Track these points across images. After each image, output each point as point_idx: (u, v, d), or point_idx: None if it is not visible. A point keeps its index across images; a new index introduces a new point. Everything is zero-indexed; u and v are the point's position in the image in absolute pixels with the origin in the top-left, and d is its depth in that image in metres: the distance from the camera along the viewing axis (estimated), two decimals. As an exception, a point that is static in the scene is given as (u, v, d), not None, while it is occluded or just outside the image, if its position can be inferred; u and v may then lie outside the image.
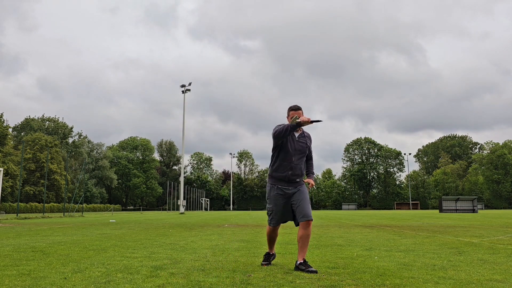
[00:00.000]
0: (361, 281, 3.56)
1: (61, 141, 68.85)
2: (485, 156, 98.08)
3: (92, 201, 70.58)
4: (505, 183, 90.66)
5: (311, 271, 3.91)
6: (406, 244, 6.77)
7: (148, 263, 4.61)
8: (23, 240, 7.65)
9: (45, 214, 31.36)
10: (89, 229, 11.55)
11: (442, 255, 5.31)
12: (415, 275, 3.81)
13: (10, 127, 54.91)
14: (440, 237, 8.11)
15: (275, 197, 4.28)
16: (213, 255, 5.35)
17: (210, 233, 9.47)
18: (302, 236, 4.11)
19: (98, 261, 4.73)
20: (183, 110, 50.52)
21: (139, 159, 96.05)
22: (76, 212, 35.14)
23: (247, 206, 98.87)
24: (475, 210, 42.91)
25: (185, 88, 50.34)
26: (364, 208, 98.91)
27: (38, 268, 4.27)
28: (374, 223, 15.07)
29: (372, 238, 8.06)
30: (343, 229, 10.99)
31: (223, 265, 4.45)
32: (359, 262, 4.66)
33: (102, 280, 3.57)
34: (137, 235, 8.90)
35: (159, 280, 3.60)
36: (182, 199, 49.58)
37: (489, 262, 4.66)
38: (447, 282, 3.49)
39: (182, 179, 52.49)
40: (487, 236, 8.46)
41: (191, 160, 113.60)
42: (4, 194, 43.79)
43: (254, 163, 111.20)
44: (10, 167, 46.57)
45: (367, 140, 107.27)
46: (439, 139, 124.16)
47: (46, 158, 44.94)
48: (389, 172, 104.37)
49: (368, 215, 27.73)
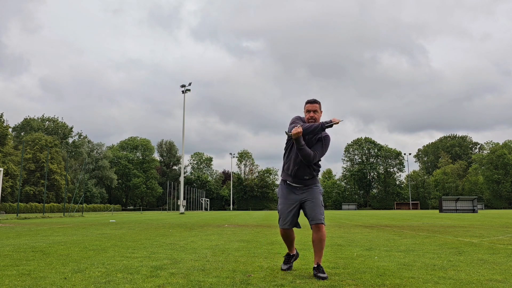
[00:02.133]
0: (361, 281, 3.56)
1: (61, 141, 68.85)
2: (485, 156, 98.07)
3: (92, 201, 70.56)
4: (505, 183, 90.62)
5: (321, 277, 3.70)
6: (406, 244, 6.77)
7: (148, 263, 4.61)
8: (23, 240, 7.65)
9: (45, 214, 31.36)
10: (89, 229, 11.55)
11: (442, 255, 5.31)
12: (415, 275, 3.81)
13: (10, 127, 54.92)
14: (440, 237, 8.11)
15: (282, 193, 4.16)
16: (213, 255, 5.35)
17: (210, 233, 9.47)
18: (314, 240, 3.91)
19: (98, 261, 4.73)
20: (183, 110, 50.59)
21: (139, 159, 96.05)
22: (76, 212, 35.14)
23: (247, 206, 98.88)
24: (475, 210, 42.90)
25: (185, 88, 50.37)
26: (364, 208, 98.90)
27: (38, 268, 4.27)
28: (374, 223, 15.06)
29: (372, 238, 8.06)
30: (343, 229, 10.98)
31: (223, 265, 4.45)
32: (359, 262, 4.66)
33: (102, 280, 3.57)
34: (137, 235, 8.90)
35: (159, 280, 3.60)
36: (182, 199, 49.57)
37: (489, 262, 4.66)
38: (447, 282, 3.49)
39: (182, 179, 52.49)
40: (487, 236, 8.46)
41: (191, 160, 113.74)
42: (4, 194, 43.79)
43: (254, 163, 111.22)
44: (10, 167, 46.57)
45: (367, 140, 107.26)
46: (439, 139, 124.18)
47: (46, 158, 44.93)
48: (389, 172, 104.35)
49: (368, 215, 27.73)
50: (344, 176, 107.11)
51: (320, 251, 3.88)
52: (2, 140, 48.47)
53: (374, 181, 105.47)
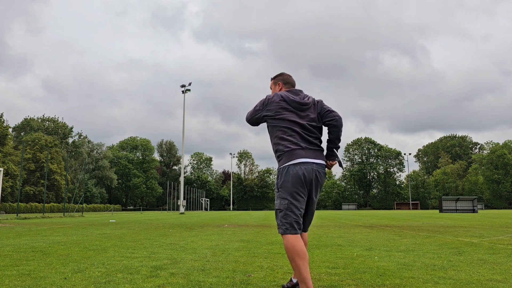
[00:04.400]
0: (361, 281, 3.56)
1: (61, 141, 68.84)
2: (485, 156, 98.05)
3: (92, 201, 70.57)
4: (505, 183, 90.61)
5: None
6: (406, 244, 6.77)
7: (148, 263, 4.61)
8: (23, 240, 7.65)
9: (45, 214, 31.36)
10: (89, 229, 11.54)
11: (442, 255, 5.30)
12: (415, 275, 3.81)
13: (10, 127, 54.92)
14: (440, 237, 8.10)
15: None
16: (213, 255, 5.35)
17: (210, 233, 9.47)
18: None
19: (98, 261, 4.73)
20: (183, 110, 50.61)
21: (139, 159, 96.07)
22: (76, 212, 35.14)
23: (247, 206, 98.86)
24: (475, 210, 42.89)
25: (185, 88, 50.39)
26: (364, 208, 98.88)
27: (38, 268, 4.27)
28: (374, 223, 15.06)
29: (372, 238, 8.06)
30: (343, 229, 10.98)
31: (223, 265, 4.45)
32: (359, 262, 4.65)
33: (102, 280, 3.57)
34: (137, 235, 8.90)
35: (159, 280, 3.60)
36: (182, 199, 49.58)
37: (489, 262, 4.66)
38: (447, 282, 3.49)
39: (182, 179, 52.49)
40: (487, 236, 8.46)
41: (191, 160, 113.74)
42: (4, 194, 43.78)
43: (254, 163, 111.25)
44: (10, 167, 46.57)
45: (367, 140, 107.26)
46: (439, 139, 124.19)
47: (46, 158, 44.92)
48: (389, 172, 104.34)
49: (368, 215, 27.73)
50: (344, 176, 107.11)
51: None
52: (2, 140, 48.47)
53: (374, 181, 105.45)
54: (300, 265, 2.75)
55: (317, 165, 2.96)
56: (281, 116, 3.03)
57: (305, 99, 3.12)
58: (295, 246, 2.78)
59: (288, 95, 3.11)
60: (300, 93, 3.18)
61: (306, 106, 3.08)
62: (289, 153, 2.95)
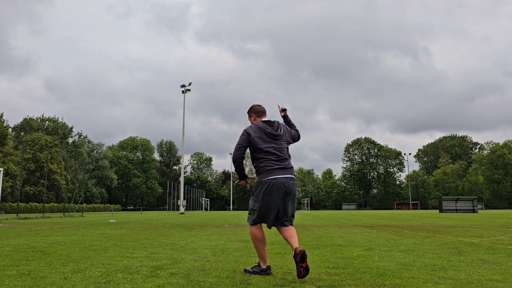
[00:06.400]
0: (361, 281, 3.56)
1: (61, 141, 68.84)
2: (485, 156, 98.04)
3: (92, 201, 70.58)
4: (505, 183, 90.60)
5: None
6: (406, 244, 6.77)
7: (148, 263, 4.61)
8: (23, 240, 7.65)
9: (45, 214, 31.36)
10: (89, 229, 11.55)
11: (442, 255, 5.31)
12: (415, 275, 3.81)
13: (10, 127, 54.91)
14: (440, 237, 8.10)
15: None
16: (213, 255, 5.35)
17: (210, 233, 9.47)
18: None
19: (98, 261, 4.73)
20: (183, 110, 50.63)
21: (139, 159, 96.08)
22: (76, 212, 35.14)
23: (247, 206, 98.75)
24: (475, 210, 42.90)
25: (185, 88, 50.38)
26: (364, 208, 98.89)
27: (38, 268, 4.27)
28: (374, 223, 15.06)
29: (372, 238, 8.06)
30: (343, 229, 10.98)
31: (223, 265, 4.46)
32: (359, 262, 4.65)
33: (102, 280, 3.57)
34: (137, 235, 8.90)
35: (159, 280, 3.60)
36: (182, 199, 49.58)
37: (489, 262, 4.66)
38: (447, 282, 3.49)
39: (182, 179, 52.50)
40: (487, 236, 8.46)
41: (191, 160, 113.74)
42: (4, 194, 43.79)
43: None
44: (10, 167, 46.57)
45: (367, 140, 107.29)
46: (439, 139, 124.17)
47: (46, 158, 44.92)
48: (389, 172, 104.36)
49: (368, 215, 27.73)
50: (344, 176, 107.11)
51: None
52: (2, 140, 48.45)
53: (374, 181, 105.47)
54: (259, 247, 3.90)
55: (285, 178, 3.86)
56: (260, 146, 3.90)
57: (278, 131, 3.95)
58: (256, 234, 3.89)
59: (265, 127, 3.93)
60: (273, 124, 3.97)
61: (279, 136, 3.95)
62: (266, 172, 3.88)
